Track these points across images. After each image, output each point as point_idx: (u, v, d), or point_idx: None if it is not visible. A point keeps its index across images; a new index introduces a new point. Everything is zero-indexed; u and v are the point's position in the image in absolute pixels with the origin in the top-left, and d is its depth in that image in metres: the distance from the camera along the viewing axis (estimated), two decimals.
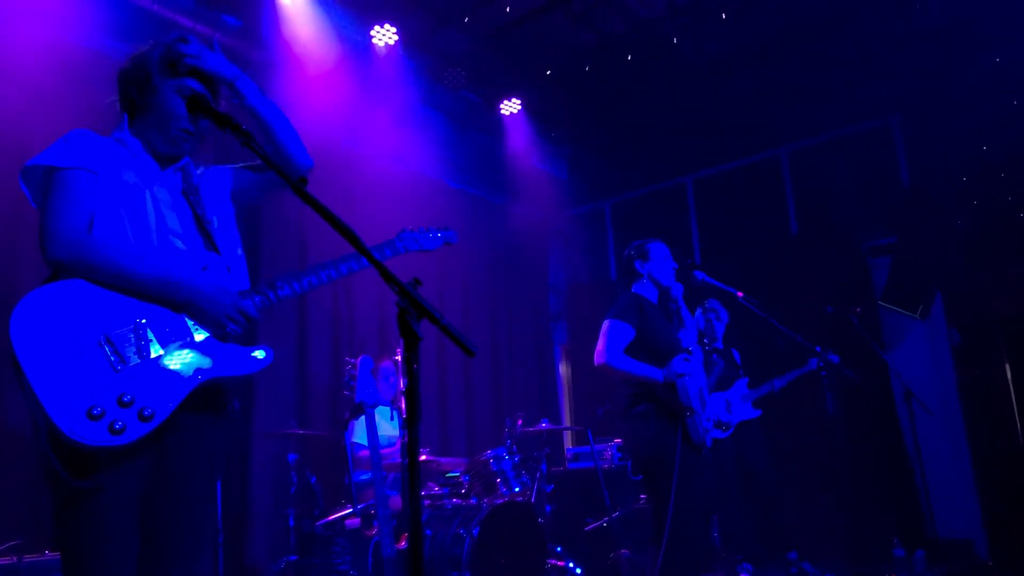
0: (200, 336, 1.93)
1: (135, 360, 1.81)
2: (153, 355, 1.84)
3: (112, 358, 1.78)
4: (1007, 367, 5.65)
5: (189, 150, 2.10)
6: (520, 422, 5.08)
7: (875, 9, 5.38)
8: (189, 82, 2.04)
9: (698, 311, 5.41)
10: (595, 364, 3.62)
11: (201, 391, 1.89)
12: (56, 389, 1.68)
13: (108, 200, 1.93)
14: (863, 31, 5.55)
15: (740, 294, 3.99)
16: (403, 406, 4.06)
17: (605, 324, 3.64)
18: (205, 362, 1.91)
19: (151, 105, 2.03)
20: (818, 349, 4.71)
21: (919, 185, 6.25)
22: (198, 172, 2.18)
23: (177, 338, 1.90)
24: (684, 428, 3.46)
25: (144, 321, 1.87)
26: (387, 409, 4.81)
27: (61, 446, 1.69)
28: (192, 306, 1.92)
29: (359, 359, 3.90)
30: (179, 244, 2.01)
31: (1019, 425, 5.51)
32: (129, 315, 1.86)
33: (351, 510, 4.11)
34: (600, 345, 3.60)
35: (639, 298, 3.71)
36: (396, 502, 4.29)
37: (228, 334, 1.96)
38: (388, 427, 4.78)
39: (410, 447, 1.44)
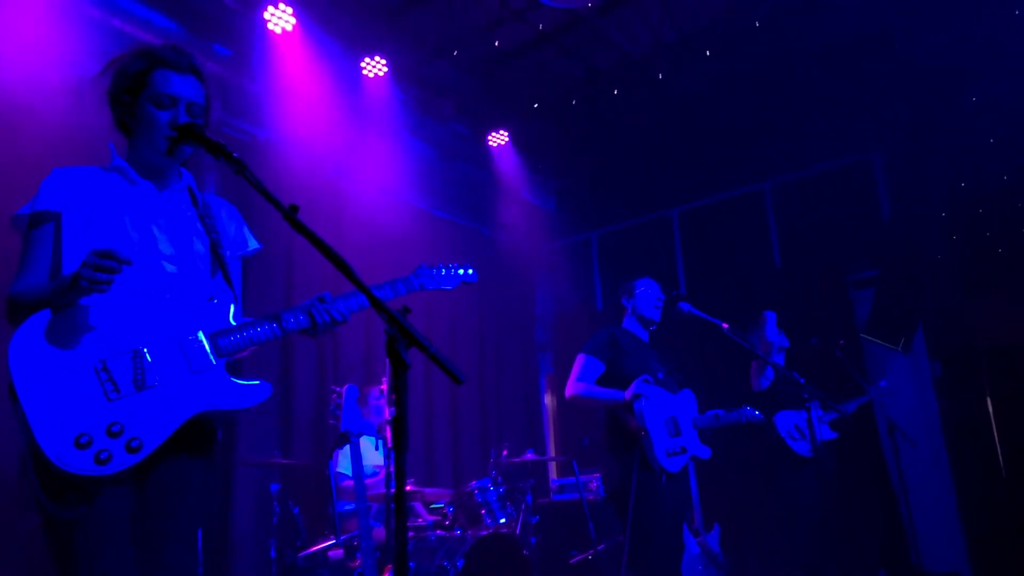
0: (198, 367, 1.89)
1: (130, 389, 1.78)
2: (149, 385, 1.81)
3: (107, 385, 1.76)
4: (988, 400, 5.69)
5: (184, 157, 2.04)
6: (505, 452, 5.06)
7: (857, 47, 5.51)
8: (161, 88, 1.98)
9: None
10: (566, 397, 3.80)
11: (190, 425, 1.85)
12: (47, 415, 1.67)
13: (81, 234, 1.89)
14: (845, 68, 5.68)
15: (725, 326, 4.01)
16: (388, 435, 4.05)
17: (577, 358, 3.83)
18: (201, 394, 1.87)
19: (136, 119, 2.01)
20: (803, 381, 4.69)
21: (900, 219, 6.35)
22: (202, 196, 2.14)
23: (175, 368, 1.86)
24: (642, 453, 3.52)
25: (145, 349, 1.84)
26: (372, 438, 4.78)
27: (47, 473, 1.67)
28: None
29: (345, 388, 3.88)
30: (170, 268, 1.98)
31: (1001, 458, 5.54)
32: (130, 342, 1.83)
33: (334, 541, 4.07)
34: (570, 378, 3.79)
35: (616, 333, 3.89)
36: (380, 533, 4.23)
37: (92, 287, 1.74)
38: (374, 456, 4.73)
39: (397, 476, 1.44)
